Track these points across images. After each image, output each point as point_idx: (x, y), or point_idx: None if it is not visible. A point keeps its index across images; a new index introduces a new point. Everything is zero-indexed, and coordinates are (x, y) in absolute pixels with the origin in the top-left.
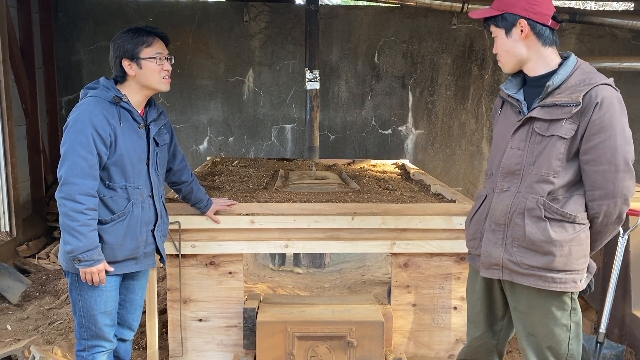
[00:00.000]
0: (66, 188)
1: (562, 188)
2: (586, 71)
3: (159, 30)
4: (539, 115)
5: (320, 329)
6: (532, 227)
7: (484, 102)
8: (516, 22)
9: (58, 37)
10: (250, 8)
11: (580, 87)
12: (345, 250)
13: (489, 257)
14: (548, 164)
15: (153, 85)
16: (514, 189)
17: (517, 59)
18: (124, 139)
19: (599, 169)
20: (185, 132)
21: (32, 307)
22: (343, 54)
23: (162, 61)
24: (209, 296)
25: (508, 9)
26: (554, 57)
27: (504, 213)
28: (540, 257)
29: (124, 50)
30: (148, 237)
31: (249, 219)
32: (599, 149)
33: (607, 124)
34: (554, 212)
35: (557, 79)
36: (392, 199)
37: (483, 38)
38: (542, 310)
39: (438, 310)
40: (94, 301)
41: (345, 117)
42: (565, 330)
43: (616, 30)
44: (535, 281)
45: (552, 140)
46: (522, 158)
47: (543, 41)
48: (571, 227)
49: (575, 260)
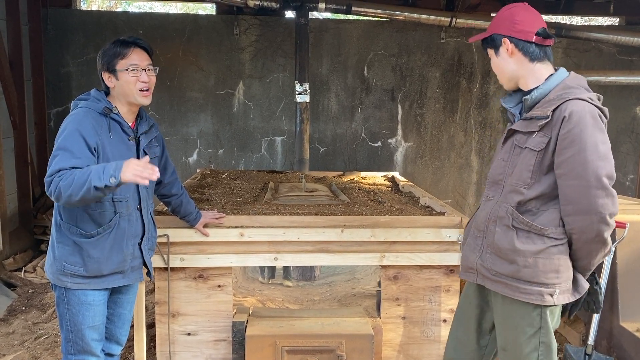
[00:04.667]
0: (56, 179)
1: (536, 200)
2: (568, 86)
3: (141, 40)
4: (518, 128)
5: (310, 342)
6: (500, 235)
7: (472, 115)
8: (501, 41)
9: (47, 49)
10: (240, 21)
11: (554, 101)
12: (334, 263)
13: (466, 261)
14: (519, 175)
15: (130, 98)
16: (496, 198)
17: (509, 75)
18: (113, 151)
19: (569, 183)
20: (175, 144)
21: (18, 321)
22: (333, 67)
23: (138, 72)
24: (198, 310)
25: (494, 31)
26: (544, 72)
27: (484, 220)
28: (507, 264)
29: (103, 62)
30: (135, 251)
31: (238, 231)
32: (569, 163)
33: (577, 139)
34: (520, 222)
35: (536, 93)
36: (382, 211)
37: (471, 52)
38: (512, 322)
39: (427, 322)
40: (81, 315)
41: (335, 129)
42: (534, 349)
43: (602, 44)
44: (502, 288)
45: (525, 152)
46: (505, 169)
47: (530, 57)
48: (539, 239)
49: (542, 274)
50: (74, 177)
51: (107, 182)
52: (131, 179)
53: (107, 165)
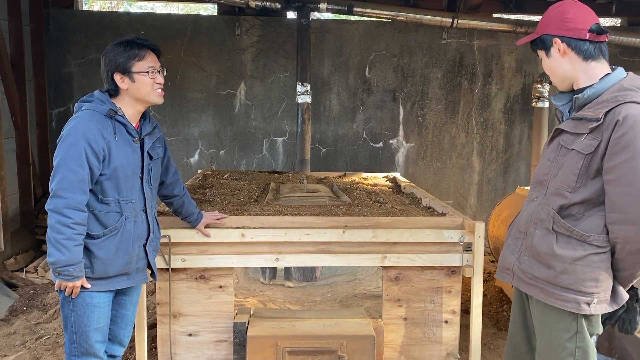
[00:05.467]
0: (55, 201)
1: (580, 205)
2: (625, 87)
3: (150, 42)
4: (566, 128)
5: (311, 343)
6: (539, 238)
7: (474, 116)
8: (552, 42)
9: (49, 49)
10: (242, 22)
11: (608, 103)
12: (336, 264)
13: (503, 262)
14: (564, 178)
15: (146, 98)
16: (539, 199)
17: (562, 76)
18: (118, 153)
19: (618, 190)
20: (177, 144)
21: (20, 321)
22: (334, 68)
23: (155, 74)
24: (199, 310)
25: (544, 31)
26: (599, 71)
27: (525, 222)
28: (544, 269)
29: (116, 64)
30: (140, 252)
31: (239, 232)
32: (619, 170)
33: (630, 144)
34: (561, 227)
35: (589, 93)
36: (383, 212)
37: (473, 52)
38: (547, 326)
39: (429, 323)
40: (86, 317)
41: (337, 130)
42: (569, 354)
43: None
44: (538, 292)
45: (572, 154)
46: (550, 169)
47: (584, 56)
48: (580, 245)
49: (581, 281)
50: (61, 235)
51: (56, 269)
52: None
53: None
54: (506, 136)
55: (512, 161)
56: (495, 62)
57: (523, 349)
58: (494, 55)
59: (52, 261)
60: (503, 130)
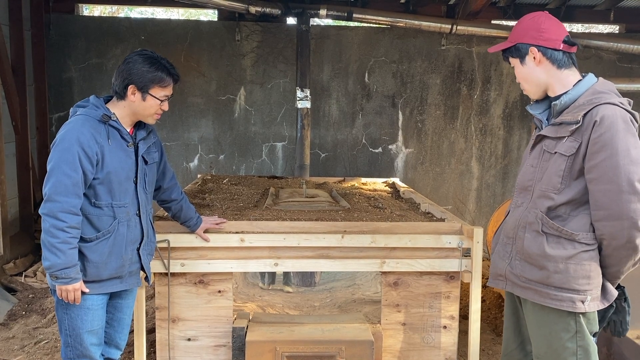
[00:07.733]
0: (49, 205)
1: (566, 205)
2: (598, 91)
3: (176, 71)
4: (547, 134)
5: (310, 348)
6: (530, 241)
7: (472, 122)
8: (528, 50)
9: (49, 54)
10: (242, 27)
11: (585, 106)
12: (335, 269)
13: (495, 268)
14: (549, 180)
15: (144, 117)
16: (525, 204)
17: (537, 84)
18: (112, 157)
19: (601, 188)
20: (176, 149)
21: (18, 326)
22: (334, 74)
23: (165, 103)
24: (198, 315)
25: (519, 40)
26: (571, 78)
27: (513, 227)
28: (536, 271)
29: (137, 77)
30: (133, 256)
31: (238, 237)
32: (600, 168)
33: (608, 143)
34: (550, 228)
35: (565, 99)
36: (382, 217)
37: (472, 59)
38: (546, 329)
39: (428, 329)
40: (80, 320)
41: (336, 135)
42: (571, 354)
43: (602, 52)
44: (532, 295)
45: (555, 157)
46: (534, 174)
47: (557, 64)
48: (570, 244)
49: (573, 280)
50: (56, 239)
51: (53, 273)
52: (58, 294)
53: (69, 269)
54: (505, 142)
55: (510, 167)
56: (494, 69)
57: (517, 356)
58: (493, 62)
59: (48, 265)
60: (502, 136)
